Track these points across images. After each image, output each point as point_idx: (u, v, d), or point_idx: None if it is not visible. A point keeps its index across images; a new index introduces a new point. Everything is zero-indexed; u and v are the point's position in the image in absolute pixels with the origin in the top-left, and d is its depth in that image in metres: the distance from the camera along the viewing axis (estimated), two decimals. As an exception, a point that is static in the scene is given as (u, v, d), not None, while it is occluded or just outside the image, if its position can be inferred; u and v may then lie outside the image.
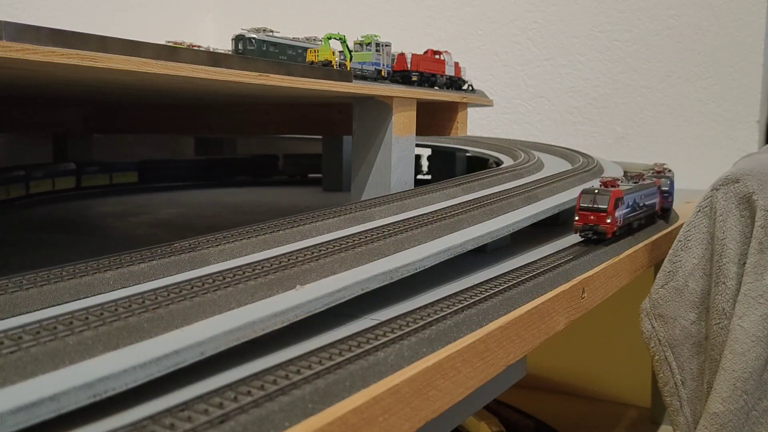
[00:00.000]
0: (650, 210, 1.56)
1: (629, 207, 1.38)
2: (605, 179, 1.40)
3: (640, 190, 1.46)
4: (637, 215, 1.46)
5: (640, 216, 1.48)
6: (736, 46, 2.72)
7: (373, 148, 1.67)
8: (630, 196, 1.39)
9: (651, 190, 1.56)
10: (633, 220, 1.44)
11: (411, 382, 0.70)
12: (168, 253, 0.93)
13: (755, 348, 1.21)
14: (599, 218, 1.29)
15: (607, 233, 1.29)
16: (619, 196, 1.31)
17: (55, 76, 1.19)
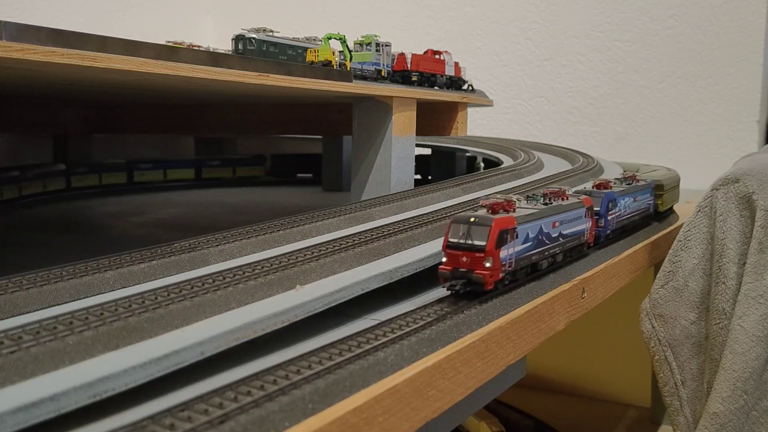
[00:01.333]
0: (572, 241, 1.13)
1: (531, 241, 0.98)
2: (491, 201, 0.97)
3: (552, 215, 1.05)
4: (545, 251, 1.04)
5: (552, 252, 1.06)
6: (736, 46, 2.72)
7: (373, 148, 1.67)
8: (531, 225, 0.98)
9: (573, 213, 1.12)
10: (540, 259, 1.03)
11: (411, 382, 0.70)
12: (168, 253, 0.93)
13: (755, 348, 1.21)
14: (474, 261, 0.88)
15: (485, 283, 0.88)
16: (507, 226, 0.91)
17: (55, 76, 1.19)
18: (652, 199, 1.56)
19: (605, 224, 1.27)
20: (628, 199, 1.38)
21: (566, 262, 1.14)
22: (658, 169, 2.18)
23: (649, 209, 1.56)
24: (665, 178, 1.71)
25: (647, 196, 1.52)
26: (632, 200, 1.41)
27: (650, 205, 1.56)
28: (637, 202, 1.45)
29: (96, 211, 2.11)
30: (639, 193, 1.46)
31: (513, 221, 0.92)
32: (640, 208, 1.48)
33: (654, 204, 1.59)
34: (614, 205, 1.30)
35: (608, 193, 1.29)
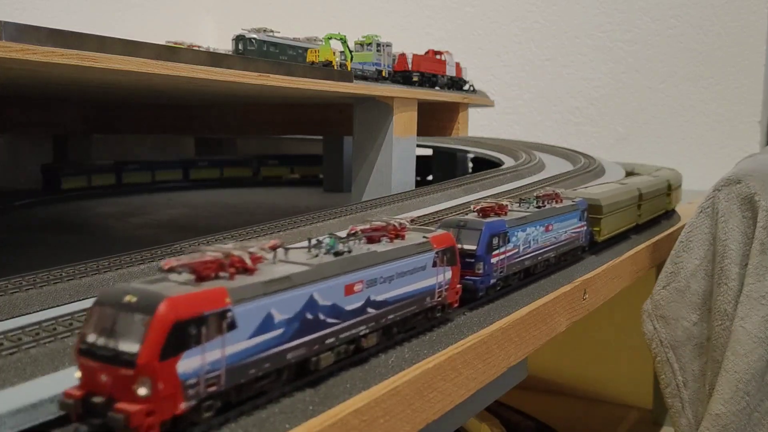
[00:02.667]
0: (416, 308, 0.78)
1: (291, 325, 0.60)
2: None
3: (331, 277, 0.65)
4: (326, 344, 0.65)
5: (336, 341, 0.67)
6: (738, 46, 2.72)
7: (374, 148, 1.67)
8: (279, 301, 0.59)
9: (412, 262, 0.76)
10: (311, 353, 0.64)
11: (412, 384, 0.69)
12: (168, 254, 0.93)
13: (757, 349, 1.20)
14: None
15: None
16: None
17: (54, 76, 1.19)
18: (583, 226, 1.20)
19: (486, 270, 0.88)
20: (533, 229, 1.01)
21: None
22: (661, 170, 2.04)
23: (580, 240, 1.20)
24: (611, 194, 1.37)
25: (574, 221, 1.16)
26: (543, 230, 1.05)
27: (580, 234, 1.20)
28: (553, 233, 1.08)
29: (95, 211, 2.10)
30: (557, 219, 1.09)
31: (222, 299, 0.53)
32: (560, 240, 1.12)
33: (587, 232, 1.23)
34: (504, 241, 0.92)
35: (491, 223, 0.90)
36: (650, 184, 1.64)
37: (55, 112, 2.37)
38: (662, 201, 1.74)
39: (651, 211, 1.63)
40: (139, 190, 2.52)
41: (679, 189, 1.94)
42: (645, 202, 1.57)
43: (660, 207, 1.71)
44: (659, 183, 1.70)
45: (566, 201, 1.15)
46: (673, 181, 1.80)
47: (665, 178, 1.76)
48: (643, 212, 1.55)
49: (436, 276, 0.80)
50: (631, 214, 1.48)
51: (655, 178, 1.74)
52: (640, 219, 1.53)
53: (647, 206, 1.59)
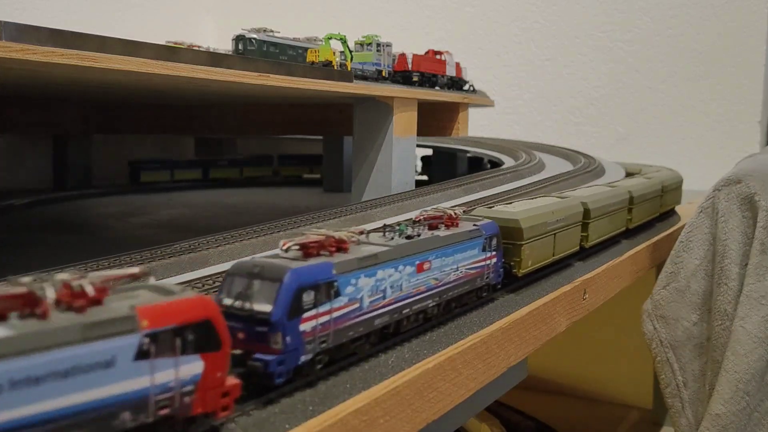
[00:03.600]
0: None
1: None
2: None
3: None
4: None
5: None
6: (738, 46, 2.72)
7: (374, 148, 1.66)
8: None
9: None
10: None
11: (412, 384, 0.69)
12: (168, 254, 0.93)
13: (757, 349, 1.20)
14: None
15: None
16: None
17: (54, 76, 1.19)
18: (491, 258, 0.92)
19: (290, 345, 0.61)
20: (392, 270, 0.73)
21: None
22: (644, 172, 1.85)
23: (485, 277, 0.92)
24: (541, 210, 1.06)
25: (474, 253, 0.88)
26: (411, 270, 0.76)
27: (487, 269, 0.92)
28: (432, 273, 0.80)
29: (96, 211, 2.10)
30: (441, 253, 0.81)
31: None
32: (447, 283, 0.83)
33: (498, 266, 0.95)
34: (328, 295, 0.65)
35: (301, 271, 0.63)
36: (611, 195, 1.36)
37: (55, 112, 2.37)
38: (645, 209, 1.56)
39: (616, 225, 1.39)
40: (143, 189, 2.53)
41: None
42: (605, 216, 1.32)
43: (642, 216, 1.51)
44: (623, 194, 1.42)
45: (465, 225, 0.89)
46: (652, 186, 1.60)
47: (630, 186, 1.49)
48: (599, 231, 1.28)
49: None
50: (573, 235, 1.18)
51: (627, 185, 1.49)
52: (587, 242, 1.25)
53: (608, 222, 1.34)
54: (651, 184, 1.63)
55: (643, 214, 1.57)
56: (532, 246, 1.02)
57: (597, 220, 1.28)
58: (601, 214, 1.30)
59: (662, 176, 1.78)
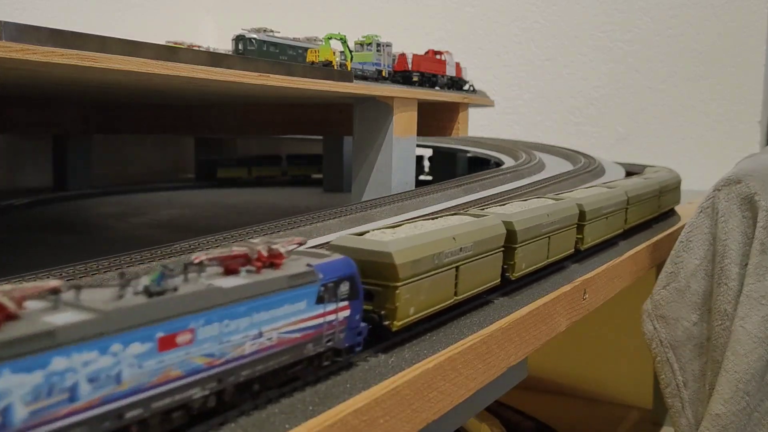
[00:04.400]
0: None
1: None
2: None
3: None
4: None
5: None
6: (738, 46, 2.72)
7: (374, 148, 1.66)
8: None
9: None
10: None
11: (412, 384, 0.69)
12: (168, 254, 0.93)
13: (757, 349, 1.20)
14: None
15: None
16: None
17: (55, 76, 1.19)
18: (343, 309, 0.67)
19: None
20: (98, 354, 0.45)
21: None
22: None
23: (328, 340, 0.65)
24: (423, 241, 0.77)
25: (298, 307, 0.61)
26: (148, 348, 0.48)
27: (336, 326, 0.66)
28: (201, 346, 0.52)
29: (96, 211, 2.10)
30: (223, 314, 0.54)
31: None
32: (246, 357, 0.57)
33: (357, 322, 0.69)
34: None
35: None
36: (559, 209, 1.11)
37: (55, 112, 2.37)
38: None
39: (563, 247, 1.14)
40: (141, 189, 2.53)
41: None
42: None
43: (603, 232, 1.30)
44: (570, 209, 1.15)
45: (291, 266, 0.62)
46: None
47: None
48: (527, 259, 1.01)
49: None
50: (492, 266, 0.92)
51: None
52: (516, 269, 0.99)
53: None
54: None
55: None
56: (416, 289, 0.74)
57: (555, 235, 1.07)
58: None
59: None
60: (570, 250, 1.17)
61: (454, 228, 0.84)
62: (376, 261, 0.71)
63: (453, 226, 0.85)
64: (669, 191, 1.76)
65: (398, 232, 0.80)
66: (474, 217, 0.93)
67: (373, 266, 0.72)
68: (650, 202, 1.59)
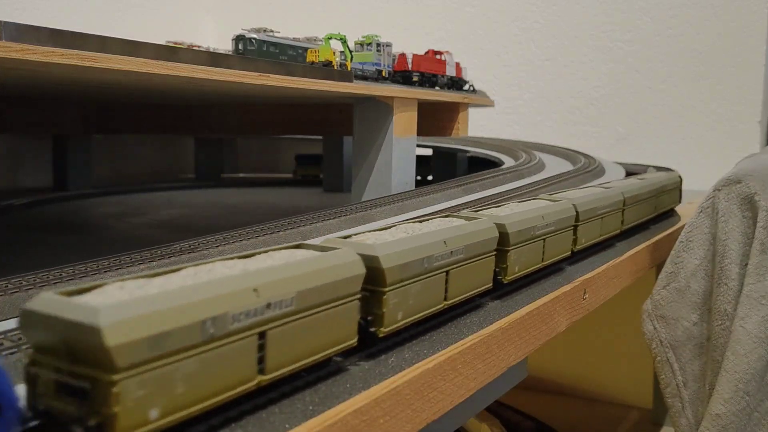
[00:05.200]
0: None
1: None
2: None
3: None
4: None
5: None
6: (738, 46, 2.72)
7: (374, 148, 1.66)
8: None
9: None
10: None
11: (412, 384, 0.69)
12: (168, 254, 0.93)
13: (757, 349, 1.20)
14: None
15: None
16: None
17: (54, 76, 1.19)
18: None
19: None
20: None
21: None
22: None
23: None
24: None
25: None
26: None
27: None
28: None
29: (96, 211, 2.10)
30: None
31: None
32: None
33: None
34: None
35: None
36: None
37: (55, 112, 2.37)
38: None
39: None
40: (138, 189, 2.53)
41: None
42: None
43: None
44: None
45: None
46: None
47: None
48: None
49: None
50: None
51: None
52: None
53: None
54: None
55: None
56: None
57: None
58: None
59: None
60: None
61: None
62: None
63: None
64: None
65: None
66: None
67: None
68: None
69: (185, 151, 3.13)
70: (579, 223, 1.14)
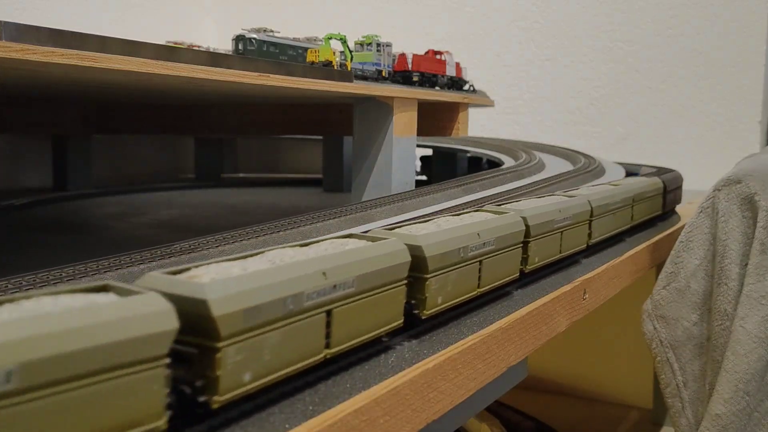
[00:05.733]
0: None
1: None
2: None
3: None
4: None
5: None
6: (738, 46, 2.72)
7: (374, 148, 1.66)
8: None
9: None
10: None
11: (412, 384, 0.69)
12: (168, 254, 0.93)
13: (757, 349, 1.20)
14: None
15: None
16: None
17: (54, 76, 1.19)
18: None
19: None
20: None
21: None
22: None
23: None
24: None
25: None
26: None
27: None
28: None
29: (96, 211, 2.10)
30: None
31: None
32: None
33: None
34: None
35: None
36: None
37: (55, 112, 2.37)
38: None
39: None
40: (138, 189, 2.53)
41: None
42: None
43: None
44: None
45: None
46: None
47: None
48: None
49: None
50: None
51: None
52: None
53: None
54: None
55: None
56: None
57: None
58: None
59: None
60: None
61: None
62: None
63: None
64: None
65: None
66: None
67: None
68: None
69: (185, 151, 3.13)
70: (530, 239, 1.00)
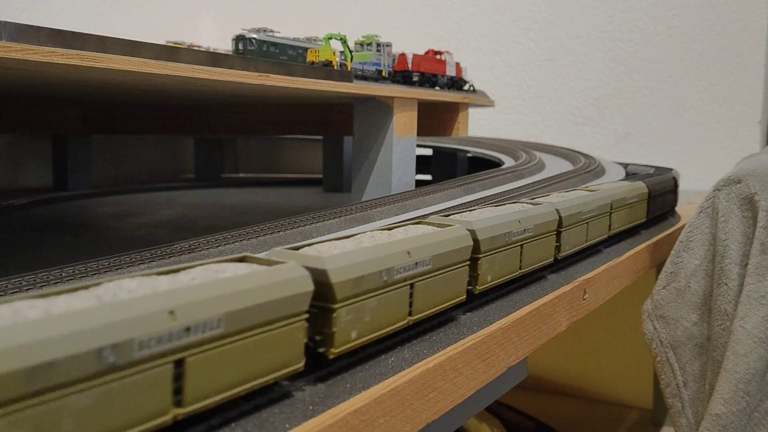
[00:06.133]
0: None
1: None
2: None
3: None
4: None
5: None
6: (738, 46, 2.72)
7: (374, 148, 1.66)
8: None
9: None
10: None
11: (412, 384, 0.69)
12: (168, 254, 0.93)
13: (757, 349, 1.20)
14: None
15: None
16: None
17: (54, 76, 1.19)
18: None
19: None
20: None
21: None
22: None
23: None
24: None
25: None
26: None
27: None
28: None
29: (96, 211, 2.10)
30: None
31: None
32: None
33: None
34: None
35: None
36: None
37: (55, 112, 2.37)
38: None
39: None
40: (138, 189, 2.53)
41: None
42: None
43: None
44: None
45: None
46: None
47: None
48: None
49: None
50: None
51: None
52: None
53: None
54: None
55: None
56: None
57: None
58: None
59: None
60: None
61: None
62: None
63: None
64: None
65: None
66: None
67: None
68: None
69: (185, 151, 3.13)
70: (481, 255, 0.86)
